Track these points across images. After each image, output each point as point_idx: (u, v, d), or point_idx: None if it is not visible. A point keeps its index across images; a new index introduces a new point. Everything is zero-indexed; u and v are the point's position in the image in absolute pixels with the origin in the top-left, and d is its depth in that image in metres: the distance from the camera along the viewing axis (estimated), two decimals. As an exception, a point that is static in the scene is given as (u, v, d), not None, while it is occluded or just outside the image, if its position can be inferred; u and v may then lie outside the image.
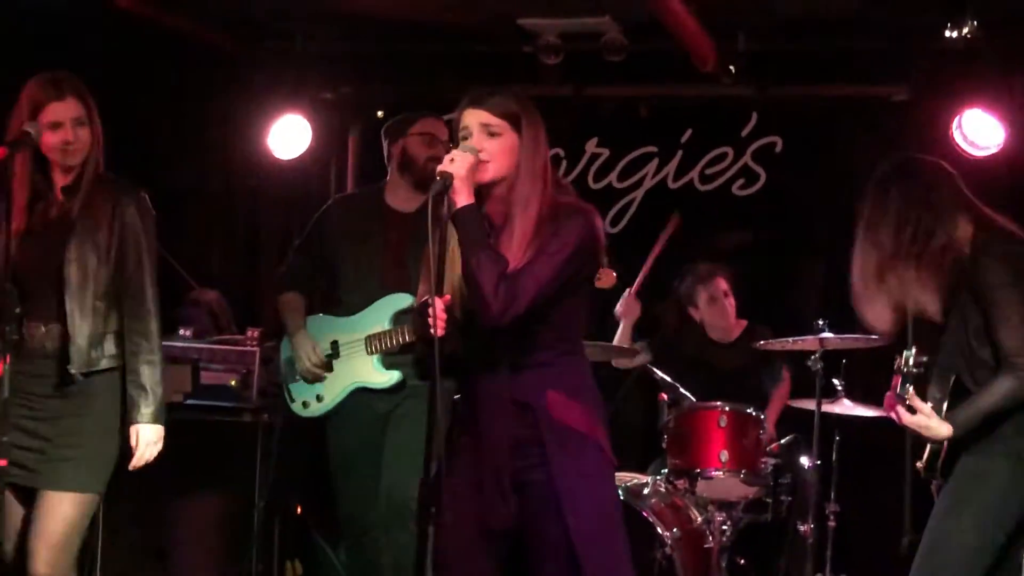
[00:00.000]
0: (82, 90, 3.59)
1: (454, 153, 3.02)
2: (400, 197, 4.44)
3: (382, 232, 4.37)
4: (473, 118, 3.07)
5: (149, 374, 3.55)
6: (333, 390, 4.43)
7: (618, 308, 5.49)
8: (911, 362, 3.26)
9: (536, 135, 3.10)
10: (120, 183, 3.66)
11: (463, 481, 2.99)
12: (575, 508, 2.97)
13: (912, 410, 3.29)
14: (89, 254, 3.53)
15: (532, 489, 2.99)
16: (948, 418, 3.31)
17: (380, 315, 4.31)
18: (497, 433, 3.00)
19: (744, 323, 5.66)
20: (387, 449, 4.27)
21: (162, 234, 3.77)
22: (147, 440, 3.57)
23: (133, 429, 3.57)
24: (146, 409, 3.56)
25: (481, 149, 3.03)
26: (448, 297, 3.01)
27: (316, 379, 4.42)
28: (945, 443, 3.32)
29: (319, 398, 4.46)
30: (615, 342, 5.42)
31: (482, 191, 3.07)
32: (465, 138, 3.07)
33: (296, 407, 4.53)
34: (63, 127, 3.52)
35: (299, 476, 5.08)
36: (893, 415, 3.34)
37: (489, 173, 3.04)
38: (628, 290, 5.48)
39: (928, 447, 3.40)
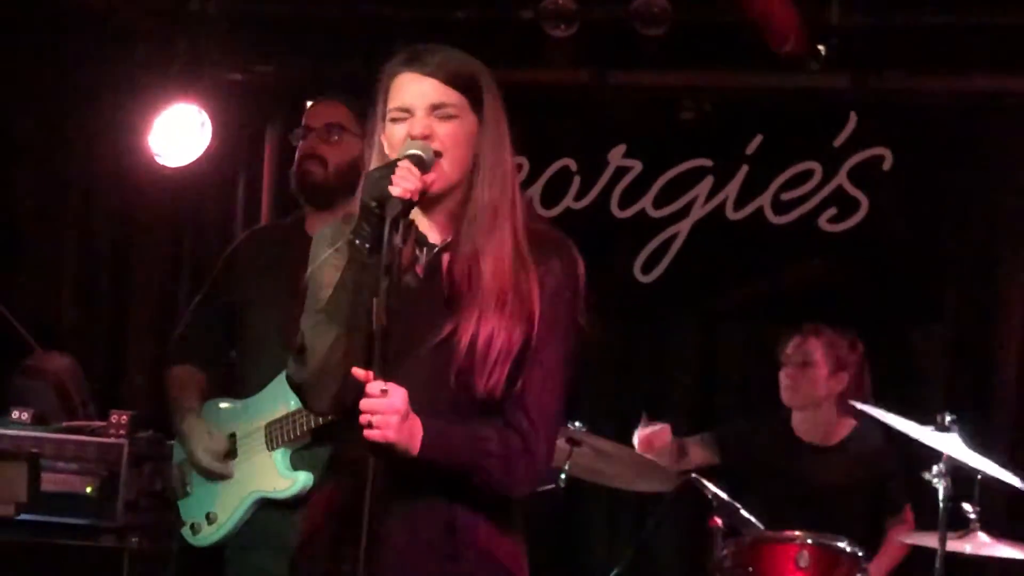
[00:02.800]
0: None
1: (402, 169, 2.86)
2: (323, 225, 4.45)
3: (301, 278, 4.34)
4: (416, 91, 2.93)
5: None
6: (228, 506, 4.40)
7: (635, 440, 5.48)
8: None
9: (500, 116, 3.01)
10: None
11: None
12: None
13: None
14: None
15: None
16: None
17: (283, 392, 4.31)
18: (401, 556, 2.99)
19: (852, 423, 5.66)
20: None
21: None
22: None
23: None
24: None
25: (430, 136, 2.93)
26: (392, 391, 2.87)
27: (221, 476, 4.43)
28: None
29: (210, 518, 4.43)
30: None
31: (422, 201, 2.94)
32: (395, 120, 2.94)
33: (185, 532, 4.50)
34: None
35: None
36: None
37: (439, 180, 2.93)
38: (644, 418, 5.48)
39: None
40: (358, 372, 2.84)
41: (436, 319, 2.97)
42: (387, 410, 2.81)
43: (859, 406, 5.20)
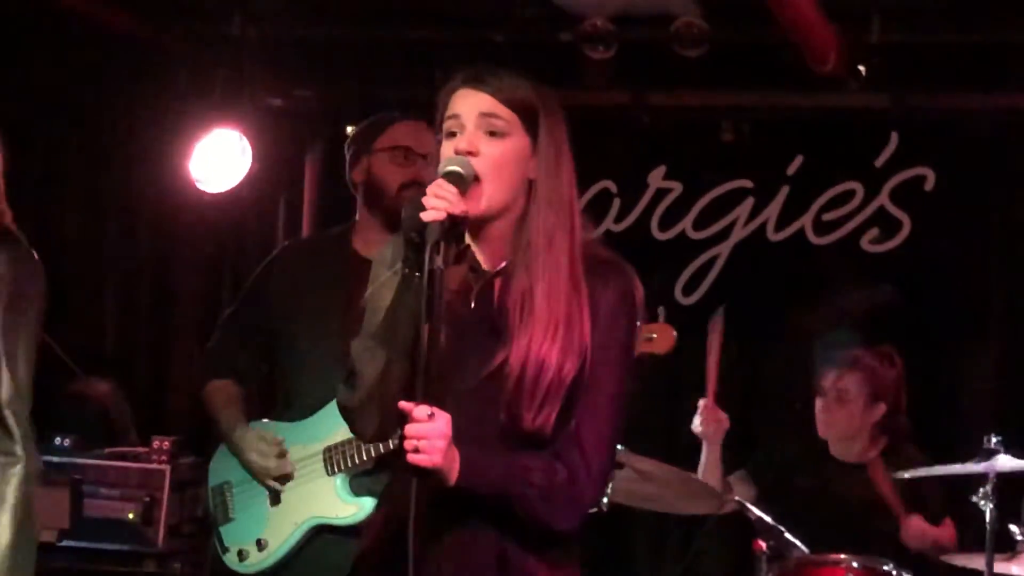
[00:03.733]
0: None
1: (434, 186, 2.87)
2: (373, 242, 4.39)
3: (348, 295, 4.30)
4: (469, 104, 2.95)
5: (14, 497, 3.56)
6: (281, 532, 4.35)
7: (696, 425, 5.46)
8: None
9: (559, 140, 3.00)
10: None
11: None
12: None
13: None
14: None
15: None
16: None
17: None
18: None
19: (886, 439, 5.63)
20: None
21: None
22: None
23: None
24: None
25: (475, 152, 2.93)
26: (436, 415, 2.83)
27: (279, 479, 4.37)
28: None
29: (261, 545, 4.37)
30: (700, 473, 5.39)
31: (469, 226, 2.95)
32: (452, 133, 2.96)
33: (230, 560, 4.42)
34: None
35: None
36: None
37: (484, 201, 2.92)
38: (702, 401, 5.45)
39: None
40: (405, 405, 2.80)
41: (487, 348, 2.95)
42: (434, 435, 2.78)
43: (904, 475, 5.16)
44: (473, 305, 2.99)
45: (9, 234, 3.75)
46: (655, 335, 4.49)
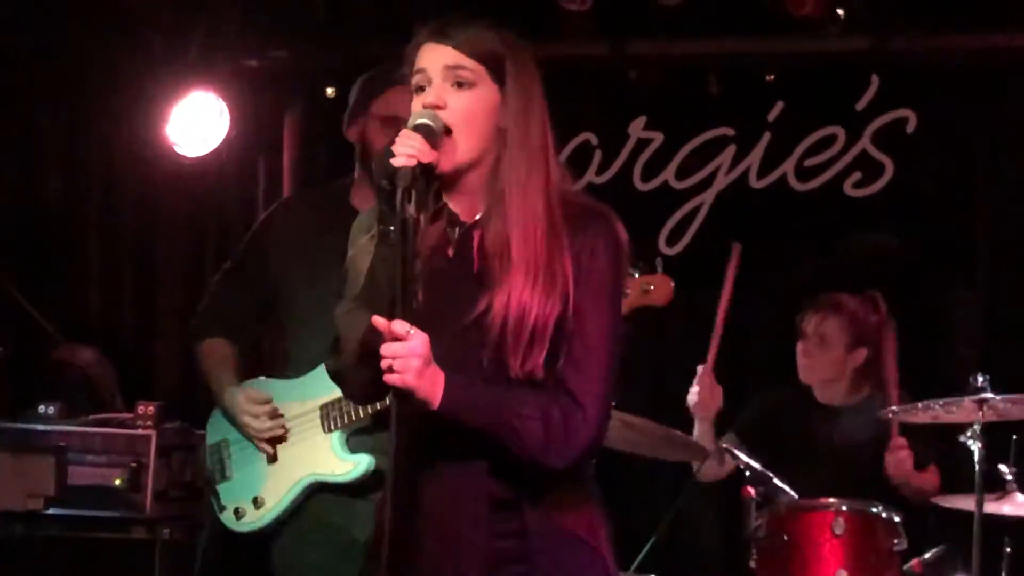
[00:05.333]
0: None
1: (402, 135, 2.87)
2: (370, 199, 4.37)
3: (346, 252, 4.28)
4: (434, 58, 2.96)
5: None
6: (278, 490, 4.35)
7: (691, 398, 5.45)
8: None
9: (529, 87, 3.00)
10: None
11: None
12: None
13: None
14: None
15: None
16: None
17: None
18: (464, 543, 2.96)
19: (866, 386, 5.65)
20: None
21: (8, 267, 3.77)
22: None
23: None
24: None
25: (442, 106, 2.94)
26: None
27: (272, 441, 4.37)
28: None
29: (258, 503, 4.38)
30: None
31: (444, 180, 2.96)
32: (421, 88, 2.97)
33: (227, 518, 4.44)
34: None
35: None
36: None
37: (457, 153, 2.94)
38: (701, 368, 5.43)
39: None
40: (379, 321, 2.80)
41: (468, 298, 2.95)
42: (408, 353, 2.79)
43: (889, 413, 5.17)
44: (452, 256, 3.00)
45: None
46: (652, 286, 4.41)
